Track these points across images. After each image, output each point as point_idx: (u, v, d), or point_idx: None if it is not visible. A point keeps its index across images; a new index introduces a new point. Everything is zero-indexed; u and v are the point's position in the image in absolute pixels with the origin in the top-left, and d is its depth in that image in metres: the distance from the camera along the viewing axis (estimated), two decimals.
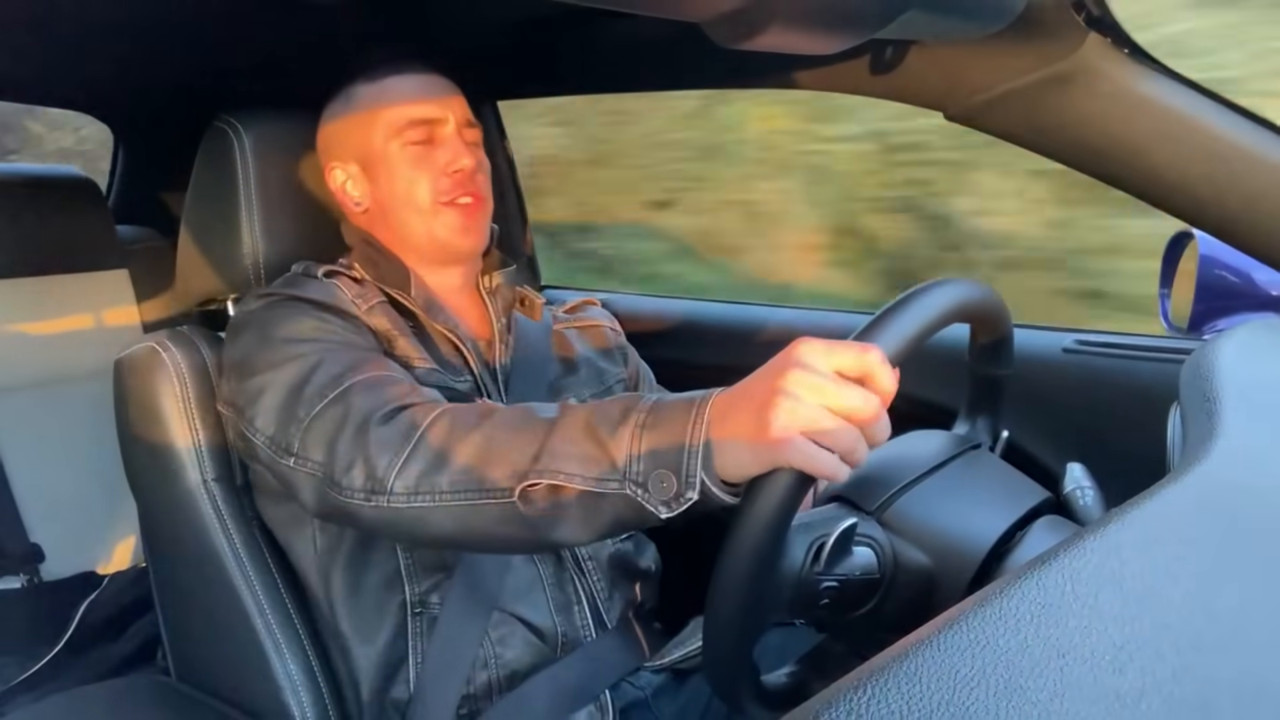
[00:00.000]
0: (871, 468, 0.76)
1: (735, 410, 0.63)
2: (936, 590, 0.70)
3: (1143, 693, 0.36)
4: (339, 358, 0.88)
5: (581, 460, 0.68)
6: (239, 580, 0.99)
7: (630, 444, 0.66)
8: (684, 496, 0.64)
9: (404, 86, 1.01)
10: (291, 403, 0.85)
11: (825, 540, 0.66)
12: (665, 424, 0.66)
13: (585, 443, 0.68)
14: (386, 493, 0.77)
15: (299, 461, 0.83)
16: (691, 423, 0.64)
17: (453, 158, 0.99)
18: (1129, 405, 1.09)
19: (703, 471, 0.63)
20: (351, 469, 0.79)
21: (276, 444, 0.86)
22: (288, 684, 0.97)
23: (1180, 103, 0.88)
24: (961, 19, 0.79)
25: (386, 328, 0.96)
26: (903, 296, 0.66)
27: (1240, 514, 0.51)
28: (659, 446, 0.65)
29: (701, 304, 1.62)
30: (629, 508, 0.67)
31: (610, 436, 0.67)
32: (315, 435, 0.82)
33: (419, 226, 1.00)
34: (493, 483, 0.72)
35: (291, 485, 0.85)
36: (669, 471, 0.64)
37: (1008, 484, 0.78)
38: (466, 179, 1.00)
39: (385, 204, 1.01)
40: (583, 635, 0.98)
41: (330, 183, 1.04)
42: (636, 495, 0.66)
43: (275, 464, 0.86)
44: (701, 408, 0.65)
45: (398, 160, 1.00)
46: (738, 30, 0.69)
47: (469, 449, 0.74)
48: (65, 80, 1.44)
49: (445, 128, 1.00)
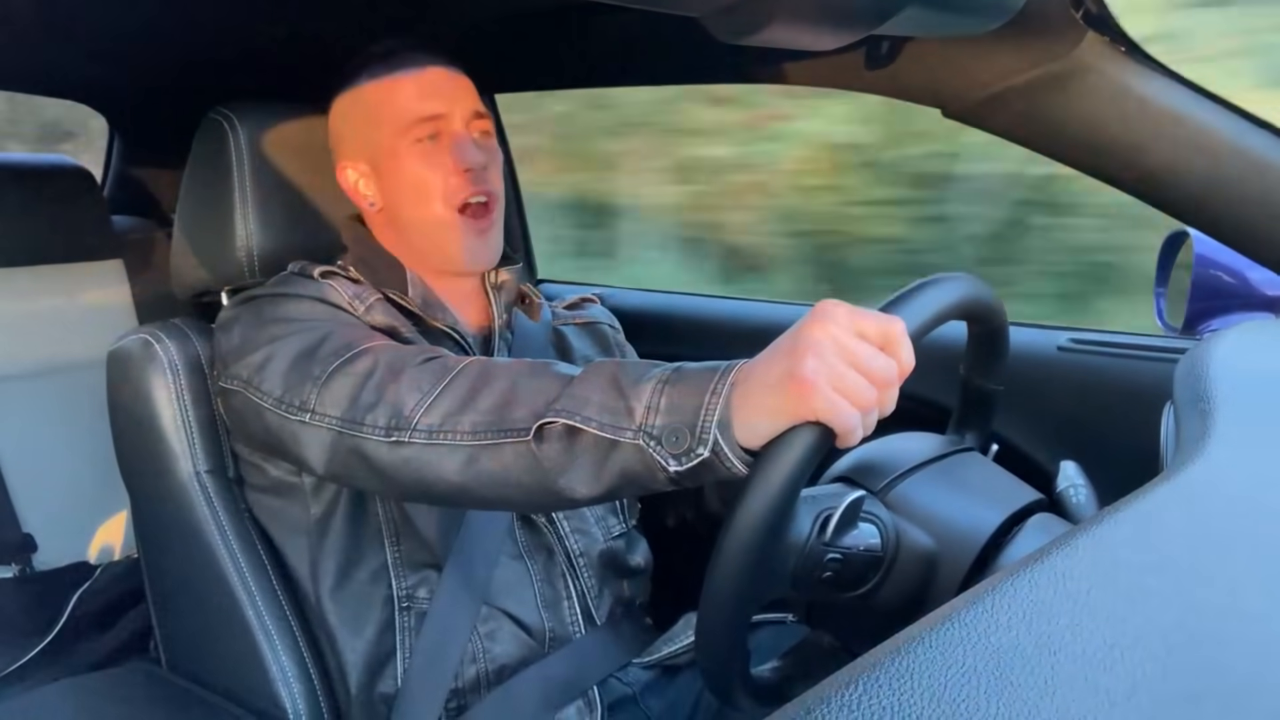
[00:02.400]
0: (875, 453, 0.77)
1: (760, 366, 0.64)
2: (936, 573, 0.70)
3: (1133, 690, 0.36)
4: (348, 330, 0.88)
5: (600, 406, 0.68)
6: (231, 571, 0.98)
7: (650, 397, 0.67)
8: (694, 452, 0.64)
9: (409, 82, 0.98)
10: (304, 362, 0.85)
11: (833, 512, 0.66)
12: (687, 383, 0.66)
13: (607, 391, 0.69)
14: (409, 428, 0.76)
15: (314, 417, 0.82)
16: (714, 383, 0.65)
17: (462, 154, 0.97)
18: (1123, 404, 1.09)
19: (718, 430, 0.63)
20: (375, 408, 0.79)
21: (287, 404, 0.84)
22: (279, 675, 0.97)
23: (1178, 102, 0.88)
24: (960, 16, 0.79)
25: (387, 323, 0.95)
26: (926, 280, 0.68)
27: (1232, 513, 0.51)
28: (678, 402, 0.65)
29: (700, 300, 1.62)
30: (640, 460, 0.67)
31: (632, 388, 0.68)
32: (335, 387, 0.82)
33: (431, 238, 0.98)
34: (511, 422, 0.72)
35: (300, 444, 0.84)
36: (684, 426, 0.64)
37: (1003, 481, 0.79)
38: (477, 175, 0.98)
39: (396, 205, 0.99)
40: (572, 631, 0.98)
41: (342, 182, 1.02)
42: (649, 447, 0.66)
43: (284, 424, 0.85)
44: (726, 371, 0.65)
45: (406, 159, 0.97)
46: (737, 25, 0.69)
47: (494, 392, 0.74)
48: (62, 70, 1.44)
49: (453, 122, 0.98)
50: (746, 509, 0.60)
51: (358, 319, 0.93)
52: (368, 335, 0.88)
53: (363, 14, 1.15)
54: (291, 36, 1.21)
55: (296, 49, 1.22)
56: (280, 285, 0.95)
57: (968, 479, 0.77)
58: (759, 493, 0.60)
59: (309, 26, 1.15)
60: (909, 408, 0.69)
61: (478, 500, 0.77)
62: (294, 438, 0.85)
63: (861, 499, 0.68)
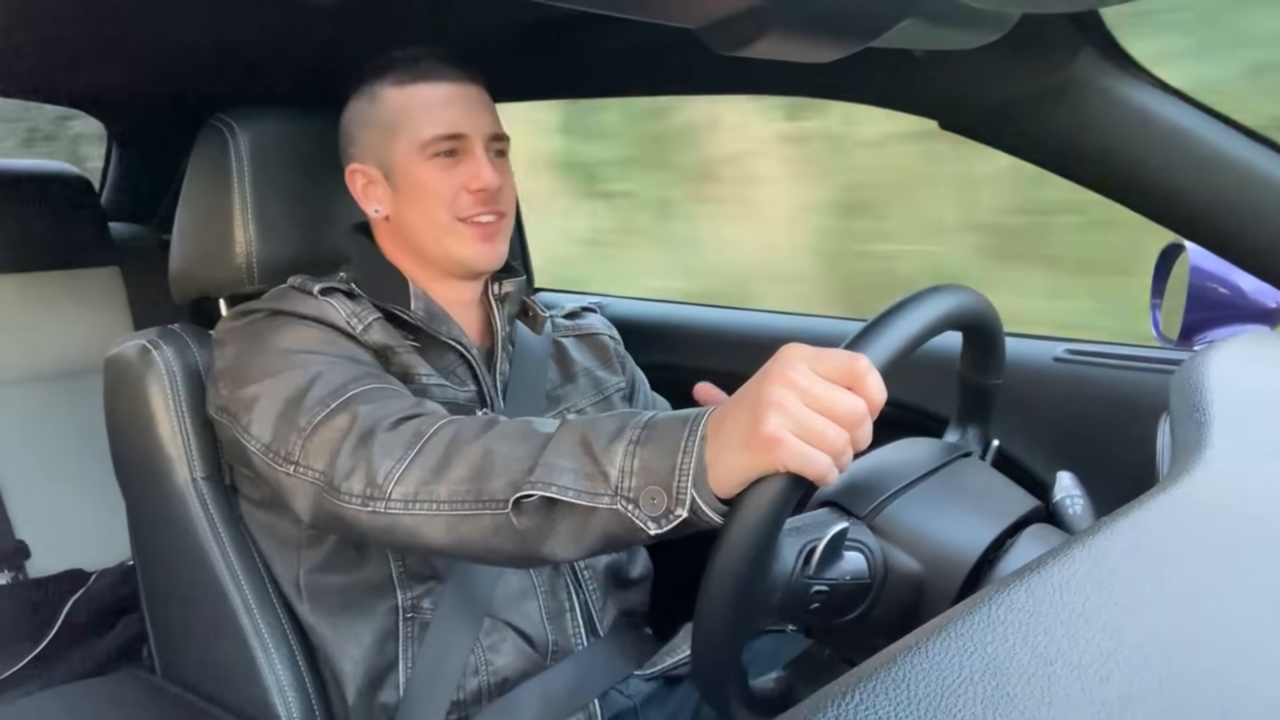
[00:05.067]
0: (862, 473, 0.76)
1: (728, 419, 0.63)
2: (926, 596, 0.70)
3: (1129, 701, 0.36)
4: (338, 370, 0.87)
5: (575, 474, 0.68)
6: (226, 579, 0.98)
7: (623, 460, 0.66)
8: (673, 514, 0.64)
9: (432, 95, 0.97)
10: (291, 411, 0.84)
11: (816, 544, 0.66)
12: (659, 441, 0.66)
13: (580, 457, 0.68)
14: (385, 498, 0.76)
15: (299, 470, 0.83)
16: (684, 439, 0.64)
17: (476, 173, 0.96)
18: (1119, 415, 1.09)
19: (694, 489, 0.63)
20: (352, 475, 0.78)
21: (274, 453, 0.85)
22: (274, 684, 0.97)
23: (1173, 115, 0.89)
24: (957, 30, 0.79)
25: (384, 344, 0.94)
26: (895, 304, 0.67)
27: (1228, 524, 0.51)
28: (651, 463, 0.65)
29: (697, 309, 1.62)
30: (619, 523, 0.67)
31: (604, 452, 0.67)
32: (317, 443, 0.82)
33: (435, 242, 0.98)
34: (489, 494, 0.72)
35: (287, 493, 0.85)
36: (660, 488, 0.64)
37: (998, 492, 0.78)
38: (489, 196, 0.97)
39: (403, 214, 0.99)
40: (574, 643, 0.98)
41: (350, 185, 1.02)
42: (627, 511, 0.65)
43: (271, 472, 0.85)
44: (695, 424, 0.65)
45: (421, 172, 0.96)
46: (733, 37, 0.69)
47: (468, 460, 0.74)
48: (60, 77, 1.44)
49: (473, 143, 0.97)
50: (724, 556, 0.60)
51: (354, 338, 0.93)
52: (356, 375, 0.87)
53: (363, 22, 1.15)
54: (292, 43, 1.21)
55: (297, 56, 1.22)
56: (278, 300, 0.94)
57: (961, 492, 0.76)
58: (736, 541, 0.60)
59: (309, 33, 1.15)
60: (902, 416, 0.69)
61: (464, 558, 0.78)
62: (280, 486, 0.85)
63: (845, 531, 0.68)
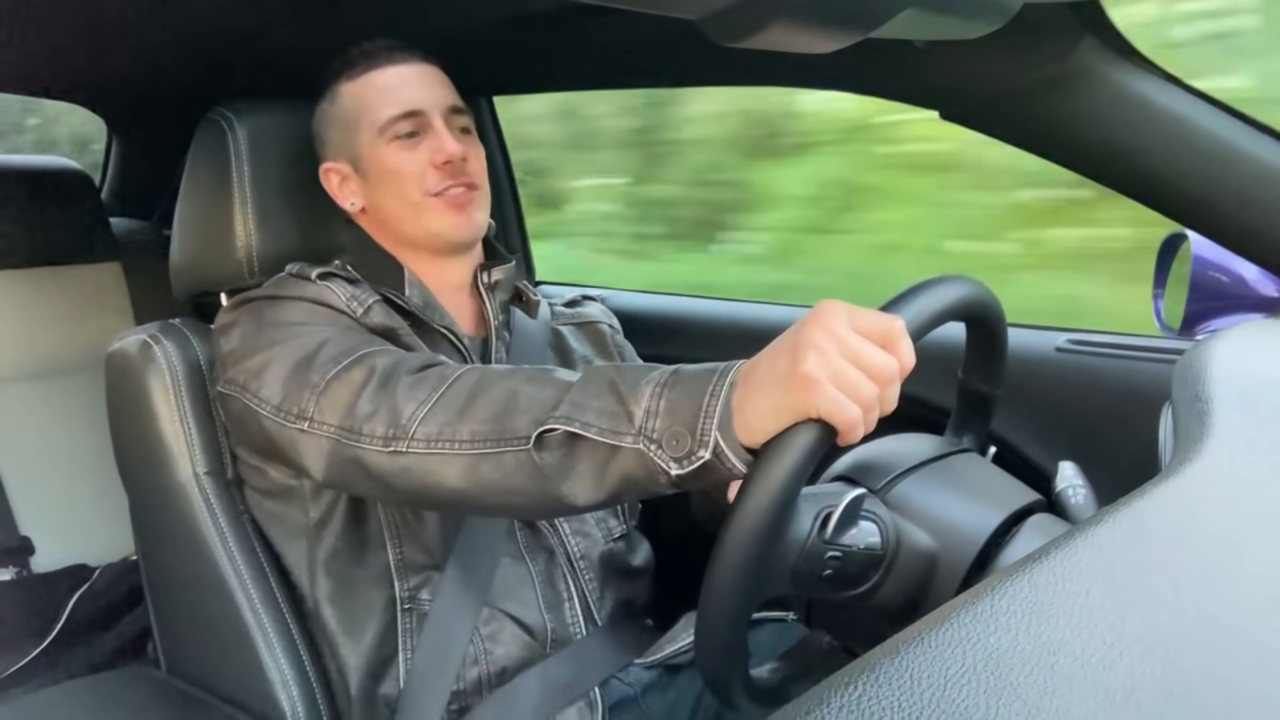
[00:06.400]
0: (874, 453, 0.77)
1: (762, 364, 0.63)
2: (936, 572, 0.70)
3: (1132, 690, 0.36)
4: (347, 336, 0.88)
5: (599, 412, 0.68)
6: (229, 574, 0.98)
7: (649, 400, 0.66)
8: (695, 455, 0.64)
9: (384, 80, 0.99)
10: (302, 370, 0.85)
11: (833, 509, 0.66)
12: (686, 385, 0.66)
13: (606, 396, 0.69)
14: (407, 438, 0.76)
15: (313, 425, 0.83)
16: (713, 384, 0.65)
17: (439, 147, 0.97)
18: (1121, 405, 1.09)
19: (718, 431, 0.63)
20: (373, 417, 0.79)
21: (286, 411, 0.85)
22: (278, 678, 0.97)
23: (1175, 105, 0.89)
24: (958, 19, 0.79)
25: (385, 325, 0.95)
26: (925, 281, 0.68)
27: (1230, 513, 0.51)
28: (678, 405, 0.65)
29: (698, 301, 1.62)
30: (640, 464, 0.66)
31: (631, 393, 0.68)
32: (333, 395, 0.82)
33: (412, 221, 0.99)
34: (512, 431, 0.72)
35: (299, 451, 0.84)
36: (684, 429, 0.64)
37: (1001, 482, 0.79)
38: (455, 169, 0.98)
39: (378, 202, 1.00)
40: (573, 632, 0.98)
41: (326, 184, 1.03)
42: (649, 451, 0.65)
43: (283, 431, 0.85)
44: (725, 372, 0.65)
45: (385, 157, 0.98)
46: (733, 28, 0.69)
47: (493, 400, 0.74)
48: (59, 72, 1.44)
49: (430, 118, 0.98)
50: (747, 507, 0.60)
51: (355, 321, 0.93)
52: (365, 340, 0.88)
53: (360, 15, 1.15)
54: (289, 38, 1.20)
55: (295, 49, 1.22)
56: (278, 287, 0.95)
57: (967, 479, 0.77)
58: (760, 491, 0.60)
59: (308, 26, 1.15)
60: (907, 408, 0.69)
61: (479, 507, 0.77)
62: (293, 445, 0.85)
63: (862, 497, 0.68)
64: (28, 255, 1.46)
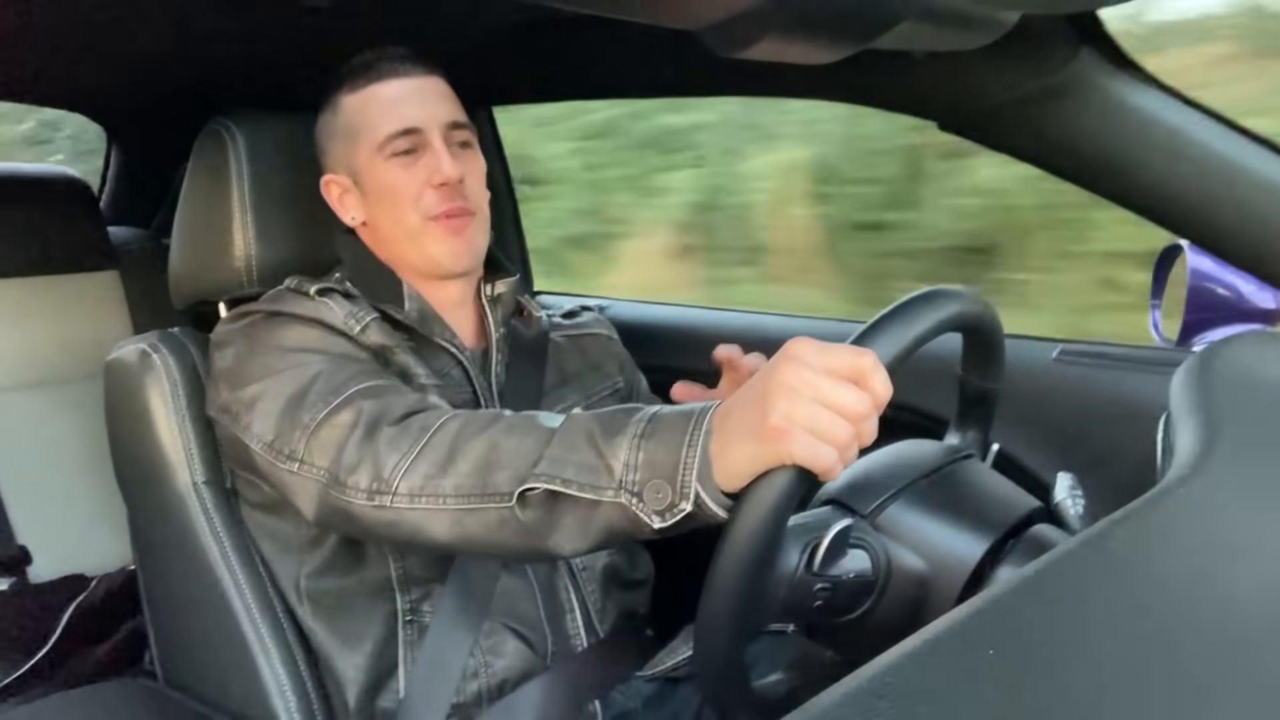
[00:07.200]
0: (865, 472, 0.76)
1: (734, 412, 0.63)
2: (930, 594, 0.70)
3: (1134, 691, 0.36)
4: (339, 368, 0.88)
5: (579, 466, 0.68)
6: (228, 584, 0.98)
7: (628, 453, 0.66)
8: (677, 507, 0.64)
9: (385, 94, 0.97)
10: (293, 409, 0.85)
11: (820, 541, 0.66)
12: (663, 434, 0.66)
13: (584, 450, 0.68)
14: (391, 493, 0.77)
15: (303, 467, 0.83)
16: (689, 433, 0.64)
17: (436, 167, 0.95)
18: (1119, 415, 1.09)
19: (698, 483, 0.63)
20: (358, 469, 0.79)
21: (277, 451, 0.85)
22: (275, 689, 0.97)
23: (1172, 116, 0.89)
24: (956, 31, 0.79)
25: (382, 344, 0.94)
26: (899, 304, 0.67)
27: (1228, 524, 0.51)
28: (656, 456, 0.65)
29: (698, 311, 1.63)
30: (623, 517, 0.66)
31: (609, 445, 0.67)
32: (321, 440, 0.82)
33: (411, 246, 0.98)
34: (494, 487, 0.72)
35: (290, 491, 0.85)
36: (664, 481, 0.64)
37: (999, 493, 0.79)
38: (453, 191, 0.96)
39: (377, 219, 0.99)
40: (574, 644, 0.98)
41: (326, 196, 1.02)
42: (631, 505, 0.65)
43: (274, 470, 0.85)
44: (700, 419, 0.65)
45: (383, 174, 0.97)
46: (733, 38, 0.69)
47: (474, 454, 0.74)
48: (59, 81, 1.44)
49: (428, 135, 0.96)
50: (729, 552, 0.60)
51: (353, 339, 0.93)
52: (357, 373, 0.87)
53: (361, 25, 1.15)
54: (289, 47, 1.21)
55: (296, 59, 1.22)
56: (275, 303, 0.95)
57: (962, 493, 0.77)
58: (740, 536, 0.60)
59: (307, 36, 1.15)
60: (903, 418, 0.69)
61: (468, 555, 0.78)
62: (285, 486, 0.86)
63: (849, 528, 0.68)
64: (26, 264, 1.46)
